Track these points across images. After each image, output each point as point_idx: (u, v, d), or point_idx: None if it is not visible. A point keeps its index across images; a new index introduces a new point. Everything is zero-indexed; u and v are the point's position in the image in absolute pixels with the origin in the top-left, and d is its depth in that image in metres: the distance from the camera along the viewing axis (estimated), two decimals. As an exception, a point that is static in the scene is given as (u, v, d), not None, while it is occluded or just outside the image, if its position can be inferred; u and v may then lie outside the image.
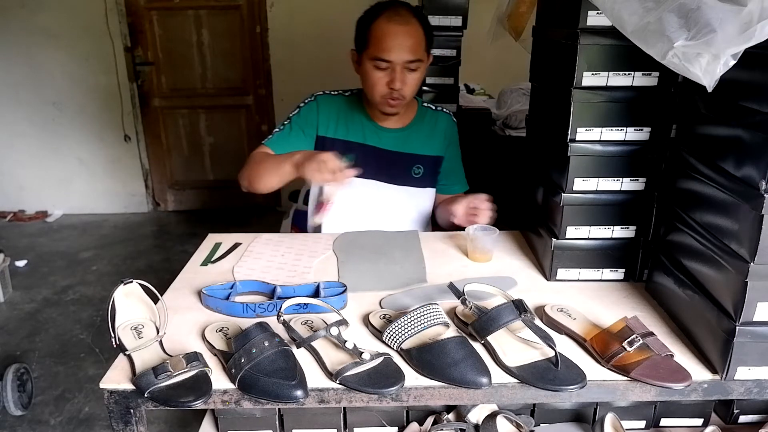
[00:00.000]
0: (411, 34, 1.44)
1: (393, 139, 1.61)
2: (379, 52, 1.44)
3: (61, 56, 3.95)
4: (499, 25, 2.51)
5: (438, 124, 1.66)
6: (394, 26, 1.43)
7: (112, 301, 1.02)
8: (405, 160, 1.63)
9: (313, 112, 1.60)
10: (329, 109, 1.61)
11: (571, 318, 1.08)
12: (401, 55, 1.43)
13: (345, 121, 1.61)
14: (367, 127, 1.61)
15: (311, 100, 1.62)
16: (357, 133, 1.61)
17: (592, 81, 1.13)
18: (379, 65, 1.45)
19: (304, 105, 1.62)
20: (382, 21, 1.44)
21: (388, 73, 1.46)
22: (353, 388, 0.91)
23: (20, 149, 4.16)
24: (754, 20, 0.71)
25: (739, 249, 0.87)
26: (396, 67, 1.44)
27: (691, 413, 1.26)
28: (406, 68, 1.45)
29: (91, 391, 2.28)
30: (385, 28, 1.44)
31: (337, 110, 1.61)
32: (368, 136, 1.61)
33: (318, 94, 1.63)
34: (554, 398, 0.93)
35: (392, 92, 1.47)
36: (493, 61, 3.54)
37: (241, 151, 4.31)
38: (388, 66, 1.45)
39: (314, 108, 1.61)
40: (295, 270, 1.33)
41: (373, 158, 1.60)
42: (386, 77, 1.46)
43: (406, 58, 1.44)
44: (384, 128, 1.61)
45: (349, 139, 1.60)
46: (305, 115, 1.60)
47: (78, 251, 3.66)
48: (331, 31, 3.94)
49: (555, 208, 1.25)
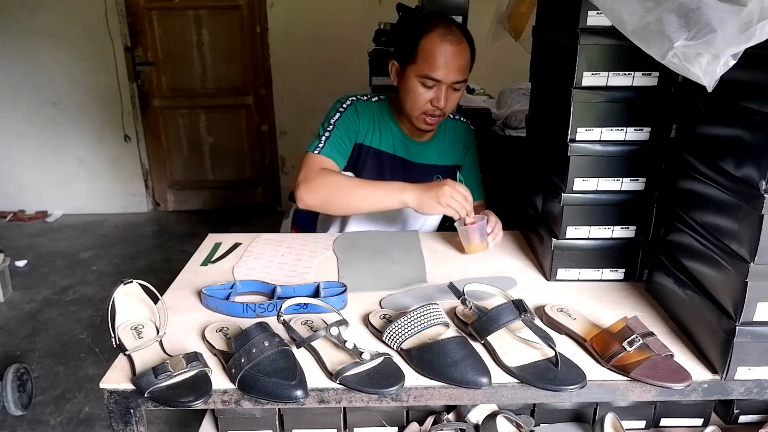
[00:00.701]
0: (463, 54, 1.42)
1: (419, 151, 1.61)
2: (430, 70, 1.41)
3: (61, 56, 3.95)
4: (499, 25, 2.51)
5: (457, 133, 1.67)
6: (448, 45, 1.39)
7: (112, 301, 1.02)
8: (428, 171, 1.63)
9: (355, 118, 1.56)
10: (368, 116, 1.58)
11: (571, 318, 1.08)
12: (452, 75, 1.41)
13: (379, 129, 1.59)
14: (397, 137, 1.60)
15: (349, 105, 1.57)
16: (388, 142, 1.59)
17: (592, 81, 1.13)
18: (427, 83, 1.43)
19: (345, 110, 1.56)
20: (435, 38, 1.40)
21: (434, 90, 1.43)
22: (353, 388, 0.90)
23: (20, 149, 4.16)
24: (754, 20, 0.71)
25: (739, 249, 0.87)
26: (443, 86, 1.42)
27: (691, 413, 1.26)
28: (451, 87, 1.44)
29: (91, 391, 2.27)
30: (438, 46, 1.40)
31: (372, 117, 1.59)
32: (397, 146, 1.60)
33: (352, 98, 1.59)
34: (554, 398, 0.93)
35: (435, 110, 1.45)
36: (493, 61, 3.53)
37: (242, 151, 4.32)
38: (435, 84, 1.43)
39: (354, 114, 1.56)
40: (295, 270, 1.33)
41: (399, 169, 1.60)
42: (430, 94, 1.44)
43: (455, 78, 1.42)
44: (411, 140, 1.60)
45: (382, 149, 1.59)
46: (349, 120, 1.56)
47: (78, 251, 3.66)
48: (331, 31, 3.95)
49: (555, 208, 1.25)
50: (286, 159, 4.31)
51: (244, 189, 4.44)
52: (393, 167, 1.60)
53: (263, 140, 4.28)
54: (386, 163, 1.60)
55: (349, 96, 1.60)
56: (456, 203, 1.30)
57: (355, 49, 3.55)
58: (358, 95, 1.61)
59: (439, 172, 1.64)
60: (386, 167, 1.60)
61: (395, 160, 1.60)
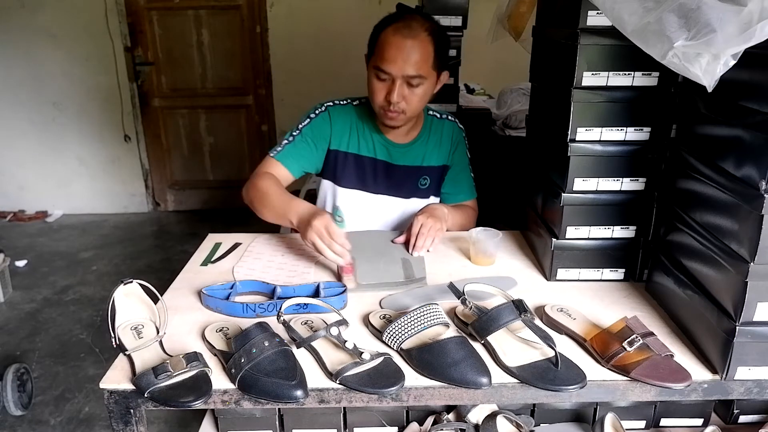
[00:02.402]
0: (416, 48, 1.37)
1: (401, 154, 1.58)
2: (380, 62, 1.39)
3: (61, 56, 3.95)
4: (499, 25, 2.52)
5: (444, 133, 1.63)
6: (399, 38, 1.37)
7: (112, 301, 1.02)
8: (413, 173, 1.60)
9: (326, 125, 1.55)
10: (342, 121, 1.56)
11: (571, 318, 1.08)
12: (401, 68, 1.38)
13: (357, 133, 1.57)
14: (377, 141, 1.57)
15: (322, 110, 1.56)
16: (368, 146, 1.57)
17: (592, 81, 1.13)
18: (380, 75, 1.41)
19: (316, 116, 1.55)
20: (389, 31, 1.39)
21: (387, 84, 1.41)
22: (353, 388, 0.90)
23: (20, 149, 4.16)
24: (754, 20, 0.71)
25: (739, 249, 0.87)
26: (396, 80, 1.39)
27: (691, 413, 1.26)
28: (406, 83, 1.40)
29: (91, 391, 2.28)
30: (390, 38, 1.38)
31: (350, 122, 1.57)
32: (378, 150, 1.57)
33: (328, 104, 1.57)
34: (554, 398, 0.93)
35: (389, 105, 1.42)
36: (493, 61, 3.54)
37: (241, 151, 4.32)
38: (388, 77, 1.40)
39: (327, 120, 1.55)
40: (295, 270, 1.33)
41: (382, 173, 1.59)
42: (385, 89, 1.42)
43: (406, 72, 1.38)
44: (393, 142, 1.57)
45: (361, 153, 1.57)
46: (317, 126, 1.54)
47: (78, 251, 3.66)
48: (331, 31, 3.95)
49: (555, 208, 1.25)
50: (286, 159, 4.31)
51: (244, 189, 4.43)
52: (375, 171, 1.58)
53: (263, 140, 4.27)
54: (368, 167, 1.57)
55: (327, 101, 1.58)
56: (318, 242, 1.23)
57: (355, 49, 3.53)
58: (337, 100, 1.59)
59: (426, 174, 1.61)
60: (368, 172, 1.58)
61: (377, 164, 1.58)
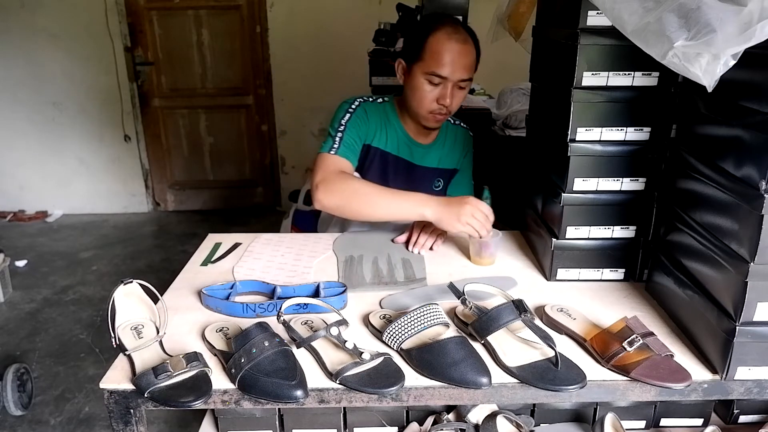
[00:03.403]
0: (469, 52, 1.43)
1: (421, 154, 1.62)
2: (437, 68, 1.41)
3: (61, 56, 3.95)
4: (499, 25, 2.51)
5: (458, 138, 1.67)
6: (454, 44, 1.41)
7: (112, 301, 1.02)
8: (429, 175, 1.64)
9: (364, 119, 1.56)
10: (376, 117, 1.58)
11: (571, 318, 1.08)
12: (458, 72, 1.42)
13: (385, 130, 1.59)
14: (401, 139, 1.60)
15: (357, 105, 1.56)
16: (393, 144, 1.59)
17: (592, 81, 1.13)
18: (433, 80, 1.43)
19: (354, 111, 1.55)
20: (442, 36, 1.42)
21: (440, 88, 1.44)
22: (353, 388, 0.90)
23: (20, 149, 4.16)
24: (754, 20, 0.71)
25: (739, 249, 0.87)
26: (449, 84, 1.43)
27: (691, 413, 1.26)
28: (456, 85, 1.44)
29: (91, 391, 2.28)
30: (445, 44, 1.41)
31: (381, 119, 1.59)
32: (401, 148, 1.60)
33: (360, 100, 1.58)
34: (554, 398, 0.93)
35: (441, 108, 1.46)
36: (493, 61, 3.53)
37: (242, 152, 4.32)
38: (441, 82, 1.43)
39: (364, 115, 1.56)
40: (295, 270, 1.33)
41: (403, 171, 1.60)
42: (437, 92, 1.45)
43: (461, 76, 1.43)
44: (415, 142, 1.60)
45: (387, 150, 1.59)
46: (359, 120, 1.55)
47: (78, 251, 3.66)
48: (331, 31, 3.95)
49: (555, 208, 1.25)
50: (286, 159, 4.31)
51: (244, 189, 4.44)
52: (396, 169, 1.60)
53: (263, 140, 4.28)
54: (390, 164, 1.60)
55: (356, 98, 1.59)
56: (476, 222, 1.28)
57: (355, 49, 3.55)
58: (365, 97, 1.61)
59: (439, 176, 1.65)
60: (390, 169, 1.60)
61: (399, 162, 1.60)
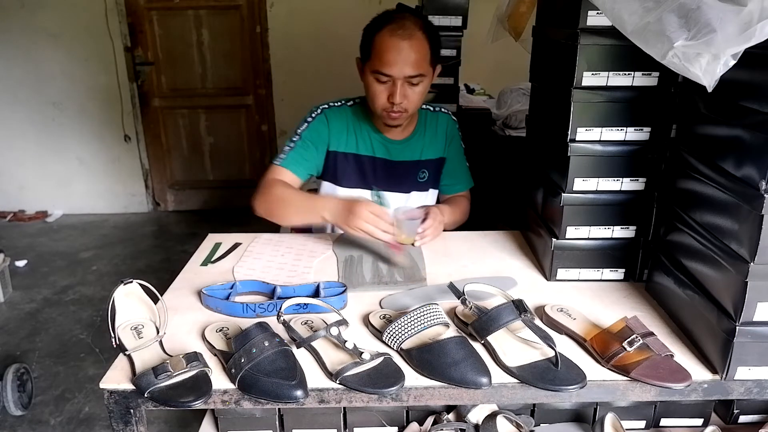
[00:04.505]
0: (414, 48, 1.38)
1: (399, 150, 1.60)
2: (380, 66, 1.40)
3: (61, 56, 3.95)
4: (499, 25, 2.51)
5: (439, 125, 1.65)
6: (397, 40, 1.38)
7: (112, 301, 1.02)
8: (411, 168, 1.62)
9: (324, 127, 1.55)
10: (339, 122, 1.57)
11: (571, 318, 1.08)
12: (402, 69, 1.39)
13: (354, 133, 1.58)
14: (375, 139, 1.58)
15: (318, 113, 1.56)
16: (366, 145, 1.58)
17: (592, 81, 1.13)
18: (380, 78, 1.41)
19: (313, 119, 1.56)
20: (385, 34, 1.39)
21: (389, 86, 1.42)
22: (353, 388, 0.90)
23: (20, 149, 4.16)
24: (754, 20, 0.71)
25: (739, 249, 0.87)
26: (396, 81, 1.40)
27: (691, 413, 1.26)
28: (407, 82, 1.41)
29: (91, 391, 2.28)
30: (387, 41, 1.38)
31: (346, 123, 1.58)
32: (376, 147, 1.59)
33: (323, 107, 1.58)
34: (554, 398, 0.93)
35: (392, 106, 1.43)
36: (493, 61, 3.54)
37: (241, 151, 4.32)
38: (389, 79, 1.41)
39: (324, 122, 1.55)
40: (295, 270, 1.33)
41: (382, 170, 1.60)
42: (387, 90, 1.42)
43: (407, 73, 1.39)
44: (390, 139, 1.59)
45: (360, 153, 1.58)
46: (316, 129, 1.55)
47: (78, 251, 3.66)
48: (331, 31, 3.94)
49: (555, 208, 1.25)
50: (286, 159, 4.31)
51: (244, 189, 4.42)
52: (375, 169, 1.59)
53: (263, 140, 4.28)
54: (367, 166, 1.58)
55: (322, 104, 1.58)
56: (366, 225, 1.26)
57: (355, 49, 3.52)
58: (332, 102, 1.60)
59: (424, 167, 1.63)
60: (368, 170, 1.59)
61: (376, 162, 1.59)
